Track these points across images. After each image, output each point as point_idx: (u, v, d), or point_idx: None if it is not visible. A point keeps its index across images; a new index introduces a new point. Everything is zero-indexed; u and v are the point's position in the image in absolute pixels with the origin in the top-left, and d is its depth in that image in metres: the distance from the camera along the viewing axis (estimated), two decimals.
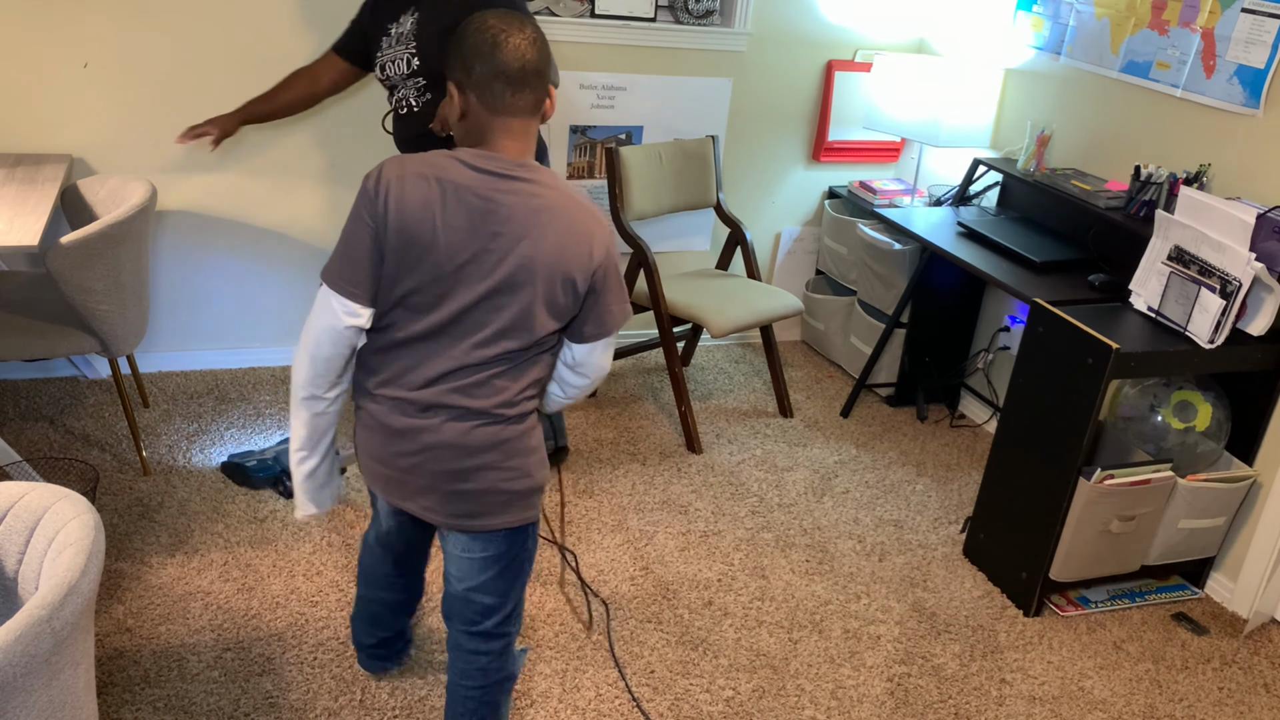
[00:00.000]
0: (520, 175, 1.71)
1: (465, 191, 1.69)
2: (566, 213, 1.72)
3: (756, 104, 3.89)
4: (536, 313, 1.74)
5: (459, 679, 1.99)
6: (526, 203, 1.70)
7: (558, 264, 1.72)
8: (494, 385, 1.78)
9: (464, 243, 1.69)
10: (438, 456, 1.78)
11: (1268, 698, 2.59)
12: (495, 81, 1.68)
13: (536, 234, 1.70)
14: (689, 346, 3.98)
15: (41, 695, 1.53)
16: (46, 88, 3.11)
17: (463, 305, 1.72)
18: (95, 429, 3.19)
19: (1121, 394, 2.87)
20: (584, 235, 1.73)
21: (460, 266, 1.70)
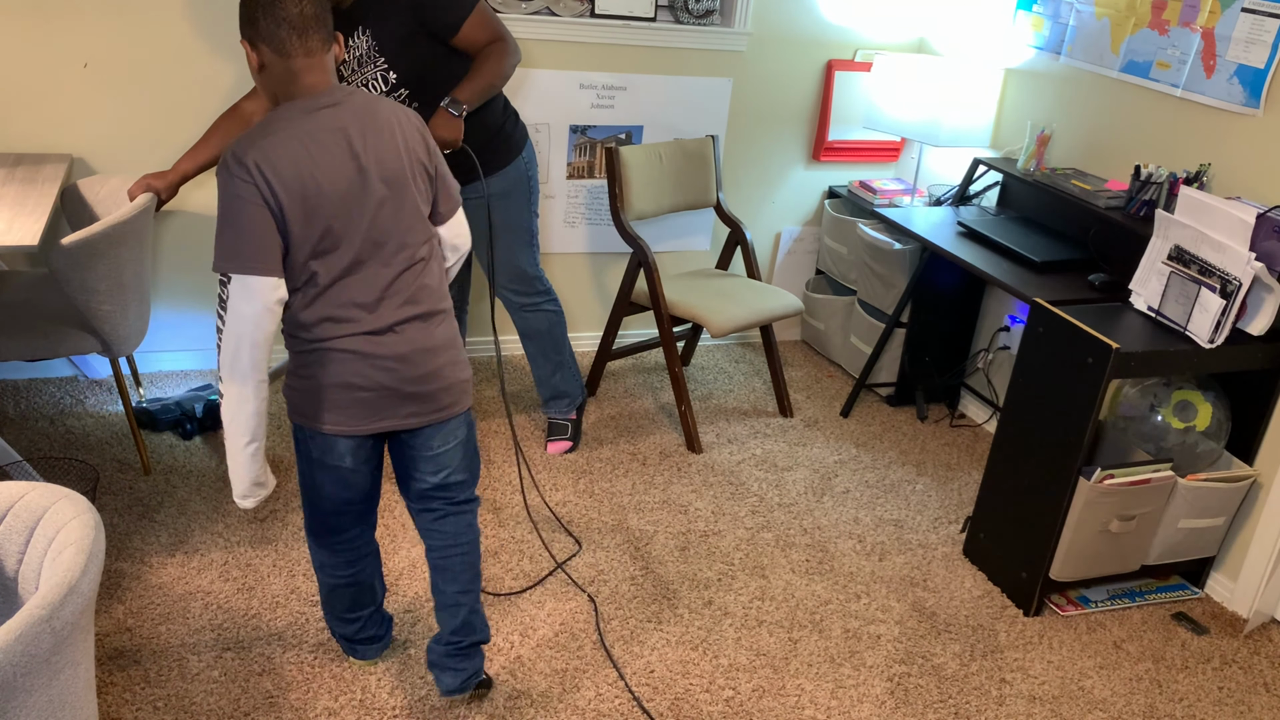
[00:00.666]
0: (340, 100, 1.92)
1: (317, 134, 1.87)
2: (390, 113, 1.97)
3: (756, 104, 3.89)
4: (418, 205, 1.99)
5: (450, 548, 2.20)
6: (361, 120, 1.92)
7: (411, 156, 1.98)
8: (424, 286, 2.02)
9: (339, 177, 1.88)
10: (411, 363, 2.00)
11: (1268, 698, 2.59)
12: (280, 29, 1.85)
13: (384, 141, 1.93)
14: (689, 346, 3.98)
15: (41, 695, 1.53)
16: (46, 88, 3.11)
17: (364, 229, 1.92)
18: (95, 429, 3.19)
19: (1121, 394, 2.87)
20: (411, 126, 1.99)
21: (345, 199, 1.89)
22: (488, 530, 2.92)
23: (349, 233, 1.90)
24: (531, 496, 3.09)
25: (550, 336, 3.21)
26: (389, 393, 2.00)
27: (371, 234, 1.93)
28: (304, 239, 1.88)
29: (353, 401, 1.98)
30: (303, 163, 1.84)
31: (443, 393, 2.07)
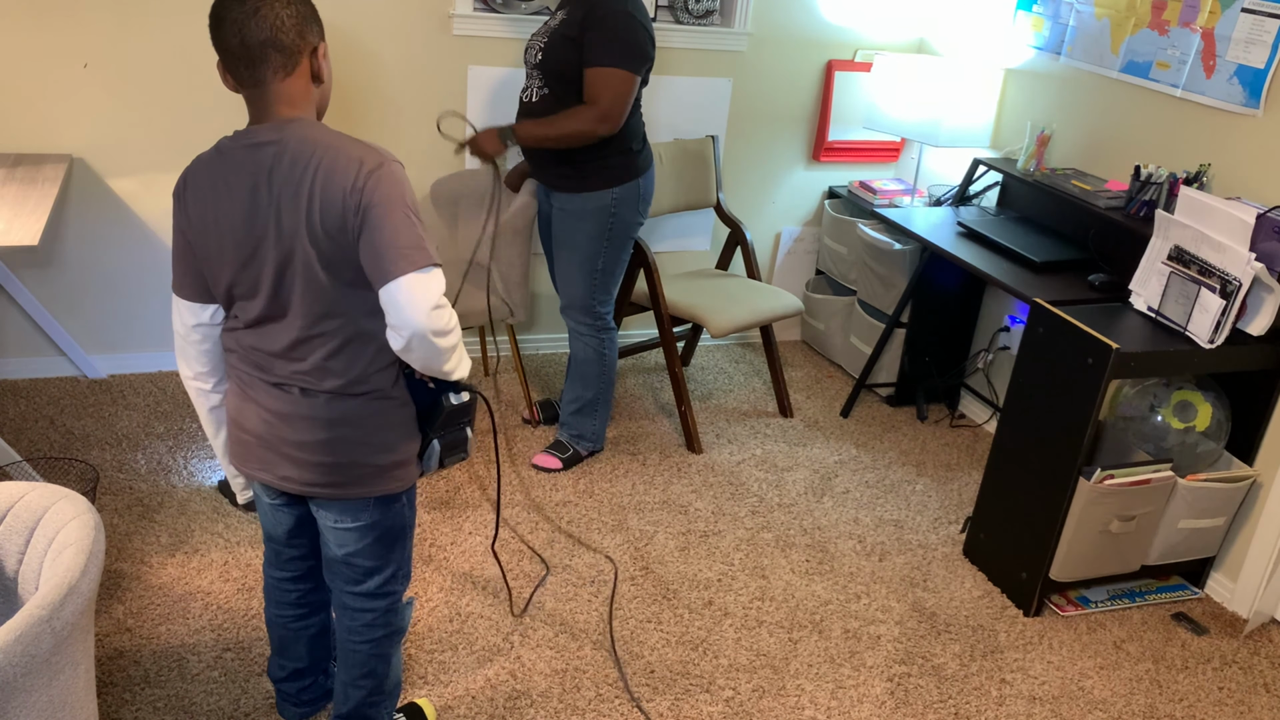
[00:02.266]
0: (267, 139, 1.65)
1: (228, 174, 1.66)
2: (324, 160, 1.63)
3: (756, 104, 3.89)
4: (319, 274, 1.67)
5: (347, 635, 2.01)
6: (276, 164, 1.63)
7: (312, 215, 1.63)
8: (330, 364, 1.75)
9: (241, 228, 1.67)
10: (295, 427, 1.79)
11: (1268, 698, 2.59)
12: (226, 57, 1.65)
13: (290, 192, 1.63)
14: (689, 346, 3.98)
15: (42, 695, 1.53)
16: (46, 88, 3.11)
17: (267, 289, 1.70)
18: (95, 429, 3.19)
19: (1121, 394, 2.87)
20: (339, 173, 1.61)
21: (252, 252, 1.68)
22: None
23: (255, 292, 1.71)
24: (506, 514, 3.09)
25: (581, 367, 3.16)
26: (267, 446, 1.83)
27: (276, 296, 1.71)
28: (213, 276, 1.74)
29: (239, 443, 1.87)
30: (208, 201, 1.68)
31: (330, 469, 1.81)
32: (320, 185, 1.62)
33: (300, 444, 1.80)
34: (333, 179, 1.62)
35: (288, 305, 1.71)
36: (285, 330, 1.74)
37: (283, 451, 1.81)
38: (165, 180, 3.32)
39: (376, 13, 3.30)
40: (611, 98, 2.75)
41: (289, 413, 1.78)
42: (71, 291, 3.37)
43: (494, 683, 2.39)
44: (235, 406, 1.85)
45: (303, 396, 1.77)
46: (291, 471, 1.83)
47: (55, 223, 3.28)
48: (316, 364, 1.75)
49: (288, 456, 1.81)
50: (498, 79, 3.52)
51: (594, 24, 2.73)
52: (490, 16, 3.41)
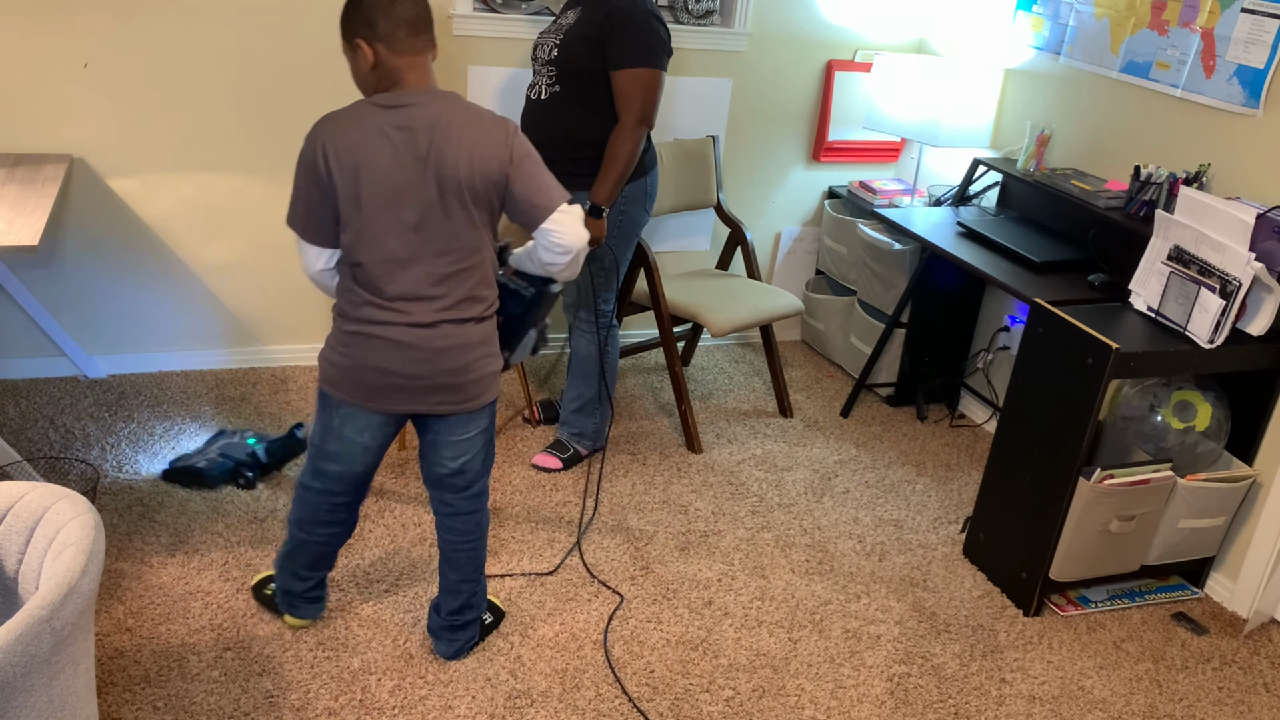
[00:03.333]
0: (424, 102, 2.03)
1: (385, 127, 2.00)
2: (468, 121, 2.04)
3: (756, 104, 3.89)
4: (471, 213, 2.07)
5: (460, 539, 2.36)
6: (435, 122, 2.01)
7: (474, 165, 2.03)
8: (467, 288, 2.12)
9: (395, 171, 2.00)
10: (446, 356, 2.13)
11: (1268, 698, 2.60)
12: (399, 30, 2.00)
13: (451, 146, 2.01)
14: (689, 346, 3.98)
15: (42, 695, 1.53)
16: (46, 88, 3.11)
17: (414, 224, 2.03)
18: (95, 429, 3.19)
19: (1121, 394, 2.87)
20: (490, 138, 2.05)
21: (399, 192, 2.01)
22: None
23: (395, 225, 2.03)
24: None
25: (582, 365, 3.17)
26: (420, 380, 2.13)
27: (422, 232, 2.05)
28: (351, 217, 2.03)
29: (385, 385, 2.13)
30: (360, 150, 1.99)
31: (471, 385, 2.19)
32: (475, 146, 2.03)
33: (452, 370, 2.15)
34: (485, 142, 2.04)
35: (434, 240, 2.06)
36: (421, 266, 2.06)
37: (435, 382, 2.15)
38: (165, 180, 3.32)
39: None
40: (645, 98, 2.81)
41: (443, 346, 2.12)
42: (71, 291, 3.37)
43: (494, 683, 2.39)
44: (378, 355, 2.11)
45: (454, 324, 2.12)
46: (443, 395, 2.17)
47: (55, 223, 3.28)
48: (464, 290, 2.12)
49: (439, 386, 2.15)
50: (498, 79, 3.52)
51: (615, 26, 2.75)
52: (490, 16, 3.41)
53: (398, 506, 2.98)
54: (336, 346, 2.15)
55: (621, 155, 2.84)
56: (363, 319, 2.10)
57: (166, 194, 3.35)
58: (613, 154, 2.84)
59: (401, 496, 3.02)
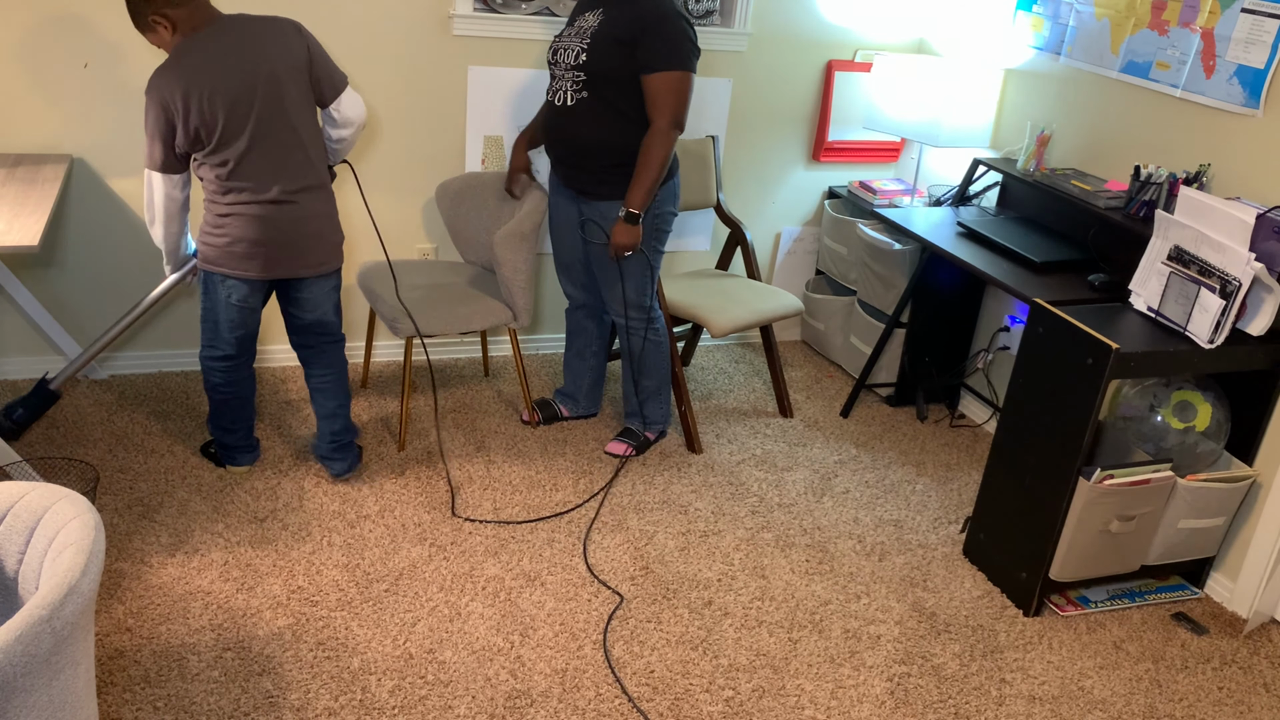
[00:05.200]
0: (226, 26, 2.53)
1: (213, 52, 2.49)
2: (263, 28, 2.56)
3: (756, 104, 3.89)
4: (298, 100, 2.61)
5: (328, 371, 2.93)
6: (244, 37, 2.53)
7: (286, 58, 2.57)
8: (309, 163, 2.67)
9: (232, 85, 2.50)
10: (302, 224, 2.68)
11: (1268, 698, 2.60)
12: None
13: (263, 49, 2.53)
14: (689, 346, 3.98)
15: (42, 695, 1.53)
16: (46, 88, 3.11)
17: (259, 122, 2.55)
18: (95, 429, 3.19)
19: (1121, 394, 2.87)
20: (288, 33, 2.59)
21: (239, 101, 2.51)
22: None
23: (243, 130, 2.54)
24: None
25: (641, 362, 3.25)
26: (284, 248, 2.67)
27: (260, 124, 2.55)
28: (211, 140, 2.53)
29: (257, 254, 2.65)
30: (205, 84, 2.48)
31: (324, 249, 2.75)
32: (279, 44, 2.56)
33: (309, 235, 2.71)
34: (284, 39, 2.57)
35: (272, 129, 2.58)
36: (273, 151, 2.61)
37: (298, 248, 2.70)
38: None
39: (377, 13, 3.30)
40: (677, 101, 2.82)
41: (298, 216, 2.67)
42: (71, 291, 3.37)
43: (494, 683, 2.39)
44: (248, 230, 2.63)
45: (305, 195, 2.68)
46: (301, 259, 2.73)
47: (55, 223, 3.28)
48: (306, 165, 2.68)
49: (299, 251, 2.71)
50: (498, 79, 3.52)
51: (647, 29, 2.75)
52: (490, 16, 3.41)
53: (398, 507, 2.98)
54: (212, 230, 2.65)
55: (656, 159, 2.84)
56: (230, 203, 2.61)
57: None
58: (647, 158, 2.85)
59: (401, 497, 3.02)
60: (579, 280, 3.30)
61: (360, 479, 3.08)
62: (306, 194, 2.68)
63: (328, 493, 3.00)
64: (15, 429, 3.08)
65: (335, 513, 2.92)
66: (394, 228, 3.63)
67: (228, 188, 2.60)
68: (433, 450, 3.27)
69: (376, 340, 3.77)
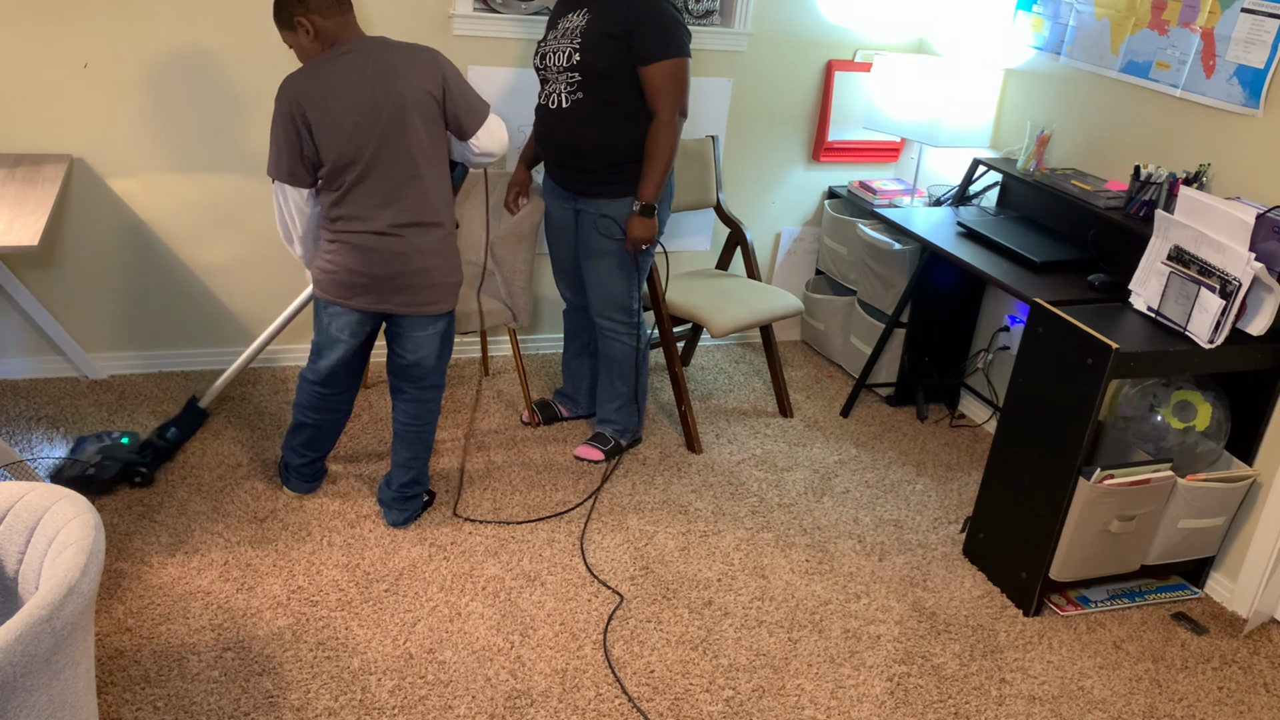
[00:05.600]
0: (360, 48, 2.46)
1: (339, 72, 2.44)
2: (398, 56, 2.47)
3: (756, 104, 3.89)
4: (422, 134, 2.50)
5: (413, 422, 2.79)
6: (374, 61, 2.46)
7: (416, 90, 2.47)
8: (424, 198, 2.55)
9: (357, 109, 2.43)
10: (406, 260, 2.56)
11: (1268, 698, 2.60)
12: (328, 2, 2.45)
13: (395, 77, 2.45)
14: (689, 346, 3.98)
15: (42, 695, 1.53)
16: (46, 88, 3.11)
17: (377, 150, 2.46)
18: (95, 429, 3.19)
19: (1121, 394, 2.87)
20: (419, 63, 2.48)
21: (360, 127, 2.44)
22: None
23: (361, 151, 2.46)
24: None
25: (620, 366, 3.23)
26: (386, 281, 2.56)
27: (379, 152, 2.46)
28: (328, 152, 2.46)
29: (357, 284, 2.57)
30: (330, 99, 2.42)
31: (430, 289, 2.62)
32: (414, 72, 2.47)
33: (414, 271, 2.58)
34: (416, 68, 2.47)
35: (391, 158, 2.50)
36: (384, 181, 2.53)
37: (398, 284, 2.58)
38: (165, 180, 3.32)
39: (376, 13, 3.30)
40: (678, 88, 2.83)
41: (403, 250, 2.56)
42: (71, 291, 3.37)
43: (494, 683, 2.39)
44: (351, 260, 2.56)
45: (413, 230, 2.57)
46: (404, 296, 2.61)
47: (55, 223, 3.29)
48: (422, 200, 2.57)
49: (401, 286, 2.59)
50: (498, 79, 3.52)
51: (640, 21, 2.76)
52: (490, 16, 3.41)
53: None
54: (323, 255, 2.60)
55: (664, 149, 2.85)
56: (339, 230, 2.54)
57: (166, 194, 3.35)
58: (654, 149, 2.86)
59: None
60: (575, 283, 3.30)
61: (360, 479, 3.08)
62: (417, 230, 2.54)
63: (328, 493, 3.00)
64: (170, 448, 3.05)
65: (335, 513, 2.92)
66: None
67: (337, 214, 2.53)
68: (433, 450, 3.27)
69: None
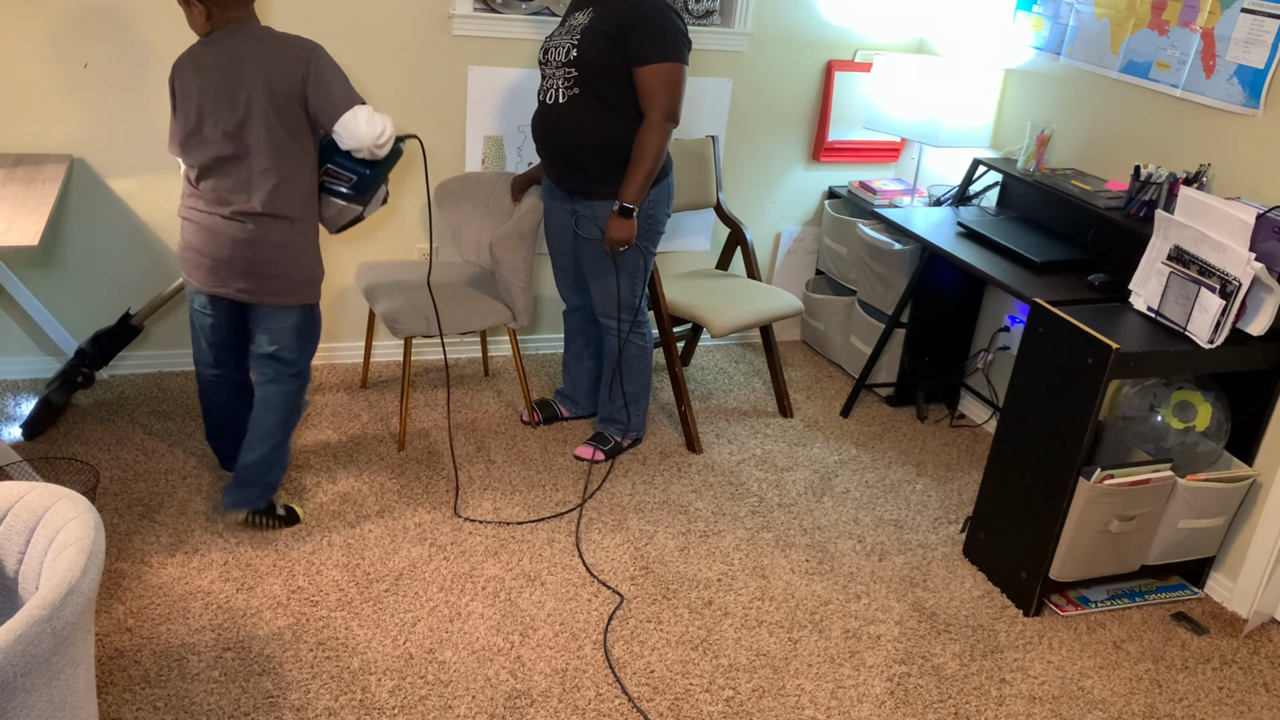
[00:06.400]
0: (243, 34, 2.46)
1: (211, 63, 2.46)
2: (275, 48, 2.45)
3: (756, 104, 3.89)
4: (278, 128, 2.47)
5: (261, 408, 2.73)
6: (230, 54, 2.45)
7: (275, 83, 2.44)
8: (278, 195, 2.52)
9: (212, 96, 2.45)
10: (245, 246, 2.54)
11: (1268, 698, 2.60)
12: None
13: (256, 68, 2.43)
14: (689, 346, 3.98)
15: (42, 695, 1.53)
16: (46, 88, 3.11)
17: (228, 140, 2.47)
18: (95, 429, 3.19)
19: (1121, 394, 2.87)
20: (289, 57, 2.45)
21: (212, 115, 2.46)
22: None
23: (211, 135, 2.47)
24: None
25: (623, 365, 3.23)
26: (228, 264, 2.55)
27: (232, 141, 2.46)
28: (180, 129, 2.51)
29: (200, 264, 2.58)
30: (190, 75, 2.47)
31: (275, 280, 2.59)
32: (269, 68, 2.43)
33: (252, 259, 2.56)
34: (277, 65, 2.44)
35: (241, 150, 2.48)
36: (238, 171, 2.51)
37: (239, 269, 2.56)
38: (165, 180, 3.32)
39: (376, 13, 3.30)
40: (670, 93, 2.82)
41: (244, 238, 2.53)
42: (71, 291, 3.37)
43: (494, 683, 2.39)
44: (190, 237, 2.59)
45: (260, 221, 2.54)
46: (243, 283, 2.59)
47: (55, 223, 3.29)
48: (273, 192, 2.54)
49: (242, 272, 2.57)
50: (498, 79, 3.52)
51: (637, 23, 2.76)
52: (490, 16, 3.41)
53: (398, 507, 2.98)
54: None
55: (649, 153, 2.85)
56: (183, 207, 2.59)
57: (166, 194, 3.35)
58: (640, 152, 2.85)
59: (401, 497, 3.02)
60: (575, 284, 3.30)
61: (360, 479, 3.08)
62: (265, 220, 2.52)
63: (328, 493, 3.00)
64: (101, 354, 3.22)
65: (335, 513, 2.92)
66: (394, 228, 3.63)
67: (190, 192, 2.57)
68: (433, 450, 3.27)
69: (376, 340, 3.77)
